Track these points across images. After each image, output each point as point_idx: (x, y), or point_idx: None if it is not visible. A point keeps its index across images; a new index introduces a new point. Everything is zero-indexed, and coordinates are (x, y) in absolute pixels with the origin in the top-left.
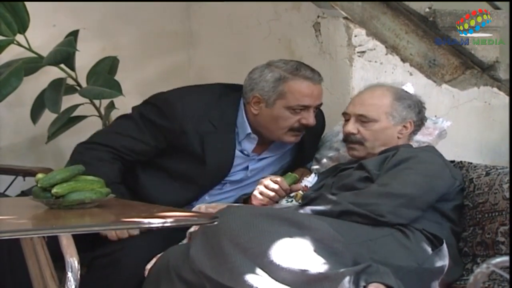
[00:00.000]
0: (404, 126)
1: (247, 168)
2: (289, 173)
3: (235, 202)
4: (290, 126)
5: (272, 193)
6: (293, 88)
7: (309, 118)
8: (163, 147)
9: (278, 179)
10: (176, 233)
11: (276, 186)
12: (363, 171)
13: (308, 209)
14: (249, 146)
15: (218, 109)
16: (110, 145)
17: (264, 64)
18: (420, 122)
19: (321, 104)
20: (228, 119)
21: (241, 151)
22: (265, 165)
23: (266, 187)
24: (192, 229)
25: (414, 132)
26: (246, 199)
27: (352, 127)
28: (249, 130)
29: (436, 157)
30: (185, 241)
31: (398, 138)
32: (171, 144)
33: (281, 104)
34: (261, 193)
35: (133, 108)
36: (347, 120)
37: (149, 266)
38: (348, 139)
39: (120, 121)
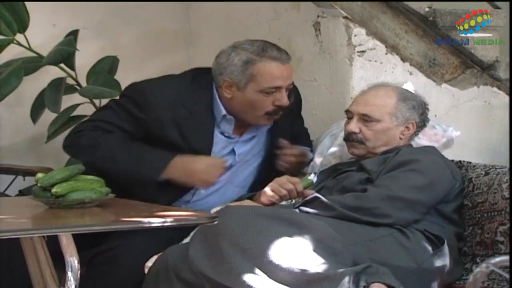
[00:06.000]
0: (407, 127)
1: (233, 152)
2: (307, 177)
3: (239, 199)
4: (266, 110)
5: (284, 192)
6: (262, 70)
7: (282, 99)
8: (141, 136)
9: (295, 180)
10: (176, 232)
11: (291, 186)
12: (362, 173)
13: (304, 211)
14: (227, 127)
15: (191, 94)
16: (94, 125)
17: (230, 47)
18: (422, 123)
19: (291, 84)
20: (203, 103)
21: (222, 133)
22: (251, 146)
23: (281, 185)
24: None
25: (416, 133)
26: (251, 197)
27: (354, 126)
28: (224, 112)
29: (437, 159)
30: (185, 241)
31: (400, 138)
32: (150, 135)
33: (253, 87)
34: (273, 190)
35: (110, 100)
36: (349, 118)
37: (149, 263)
38: (349, 138)
39: (97, 112)
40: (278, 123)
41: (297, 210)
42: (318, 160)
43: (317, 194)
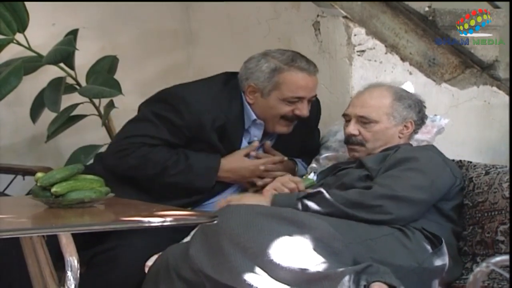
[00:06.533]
0: (405, 126)
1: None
2: (307, 176)
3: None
4: (283, 114)
5: (286, 191)
6: (288, 79)
7: (303, 110)
8: (182, 143)
9: (297, 179)
10: (175, 232)
11: (293, 185)
12: (362, 169)
13: (305, 204)
14: (257, 132)
15: (226, 99)
16: (138, 141)
17: (260, 54)
18: (420, 121)
19: (315, 96)
20: (236, 108)
21: (248, 140)
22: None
23: (283, 184)
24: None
25: (415, 131)
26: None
27: (353, 128)
28: (254, 116)
29: (436, 156)
30: (185, 240)
31: (400, 137)
32: (191, 137)
33: (276, 95)
34: (276, 189)
35: (142, 108)
36: (347, 121)
37: (149, 262)
38: (349, 140)
39: (132, 124)
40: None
41: (299, 202)
42: (318, 160)
43: (321, 189)
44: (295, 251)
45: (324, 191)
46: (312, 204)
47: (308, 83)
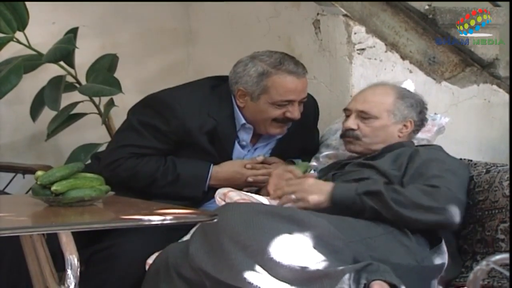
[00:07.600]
0: (405, 125)
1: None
2: (300, 161)
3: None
4: (274, 117)
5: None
6: (276, 83)
7: (294, 112)
8: (172, 148)
9: (291, 168)
10: (175, 230)
11: (289, 175)
12: (373, 171)
13: (364, 200)
14: (246, 136)
15: (214, 102)
16: (128, 151)
17: (248, 57)
18: (420, 122)
19: (306, 98)
20: (226, 112)
21: (239, 143)
22: (262, 154)
23: (279, 177)
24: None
25: (414, 131)
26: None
27: (352, 122)
28: (243, 121)
29: (454, 157)
30: (185, 239)
31: (399, 136)
32: (179, 142)
33: (265, 99)
34: (275, 184)
35: (129, 116)
36: (347, 116)
37: (150, 260)
38: (346, 134)
39: (120, 134)
40: (289, 133)
41: (358, 197)
42: (317, 158)
43: (382, 189)
44: (295, 249)
45: (385, 192)
46: (370, 202)
47: (297, 86)
